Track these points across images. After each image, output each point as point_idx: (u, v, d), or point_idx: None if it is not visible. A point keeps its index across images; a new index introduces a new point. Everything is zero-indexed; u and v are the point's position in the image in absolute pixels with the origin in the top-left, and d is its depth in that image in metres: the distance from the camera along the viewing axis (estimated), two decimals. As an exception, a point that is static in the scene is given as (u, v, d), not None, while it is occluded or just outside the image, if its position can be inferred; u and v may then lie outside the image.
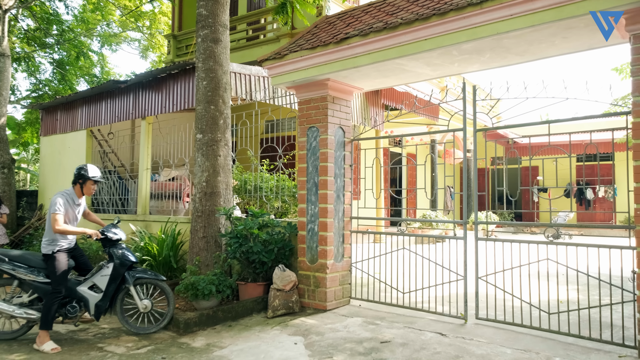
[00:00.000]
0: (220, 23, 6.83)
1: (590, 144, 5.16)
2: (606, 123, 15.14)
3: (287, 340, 4.83)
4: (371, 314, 5.78)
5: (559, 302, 5.26)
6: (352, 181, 6.59)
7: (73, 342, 4.92)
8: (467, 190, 5.69)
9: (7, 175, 11.60)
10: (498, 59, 5.21)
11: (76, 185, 5.13)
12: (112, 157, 11.24)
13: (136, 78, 9.31)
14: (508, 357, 4.24)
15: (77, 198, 5.13)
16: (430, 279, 6.10)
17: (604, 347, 4.41)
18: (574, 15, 4.03)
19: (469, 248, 5.46)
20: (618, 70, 10.65)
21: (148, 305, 5.17)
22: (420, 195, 16.21)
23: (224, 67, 6.82)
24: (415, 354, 4.34)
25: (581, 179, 18.15)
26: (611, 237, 4.63)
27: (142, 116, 9.29)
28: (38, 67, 19.51)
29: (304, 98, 6.41)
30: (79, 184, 5.12)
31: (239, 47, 12.96)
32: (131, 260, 5.14)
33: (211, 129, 6.64)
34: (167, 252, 7.09)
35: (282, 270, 6.02)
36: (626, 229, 4.50)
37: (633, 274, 4.08)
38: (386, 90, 11.42)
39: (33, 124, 18.68)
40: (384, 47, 5.22)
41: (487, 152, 5.48)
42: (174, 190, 9.43)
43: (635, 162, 3.92)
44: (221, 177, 6.68)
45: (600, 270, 4.73)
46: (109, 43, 21.01)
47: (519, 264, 5.21)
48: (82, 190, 5.14)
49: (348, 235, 6.38)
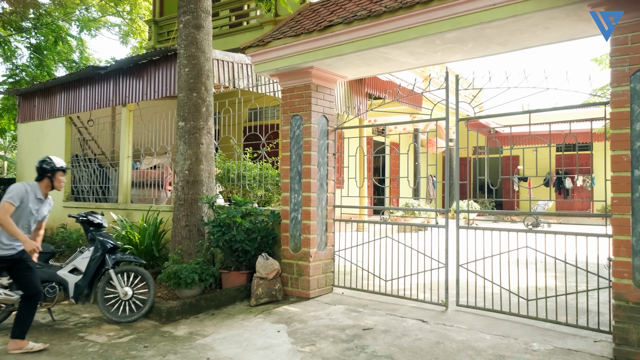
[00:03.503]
0: (203, 9, 6.73)
1: (570, 134, 5.24)
2: (585, 113, 15.39)
3: (270, 328, 4.85)
4: (354, 302, 5.83)
5: (537, 289, 5.37)
6: (336, 170, 6.60)
7: (53, 332, 4.87)
8: (449, 179, 5.74)
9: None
10: (481, 49, 5.24)
11: (43, 181, 4.50)
12: (92, 145, 11.05)
13: (116, 64, 9.14)
14: (487, 342, 4.33)
15: (40, 193, 4.49)
16: (412, 267, 6.17)
17: (580, 332, 4.53)
18: (555, 6, 4.07)
19: (451, 236, 5.53)
20: (598, 61, 10.81)
21: (129, 293, 5.19)
22: (403, 184, 16.32)
23: (206, 54, 6.73)
24: (397, 341, 4.40)
25: (560, 168, 18.45)
26: (589, 226, 4.74)
27: (123, 103, 9.13)
28: (14, 52, 18.99)
29: (287, 86, 6.37)
30: (47, 178, 4.50)
31: (221, 33, 12.80)
32: (111, 242, 5.18)
33: (193, 117, 6.57)
34: (149, 240, 7.03)
35: (265, 258, 6.03)
36: (603, 218, 4.60)
37: (609, 261, 4.18)
38: (370, 79, 11.42)
39: (10, 110, 18.22)
40: (367, 36, 5.21)
41: (469, 141, 5.54)
42: (155, 178, 9.33)
43: (613, 152, 4.00)
44: (204, 166, 6.63)
45: (577, 257, 4.84)
46: (88, 28, 20.51)
47: (499, 251, 5.30)
48: (52, 185, 4.53)
49: (331, 224, 6.41)
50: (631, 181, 3.90)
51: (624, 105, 3.94)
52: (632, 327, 3.83)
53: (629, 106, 3.91)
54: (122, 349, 4.32)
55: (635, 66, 3.88)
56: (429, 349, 4.18)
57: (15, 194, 4.28)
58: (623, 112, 3.94)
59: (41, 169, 4.51)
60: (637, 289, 3.83)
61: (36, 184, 4.50)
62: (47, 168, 4.49)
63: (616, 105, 3.99)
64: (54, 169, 4.51)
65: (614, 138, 4.00)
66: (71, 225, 8.96)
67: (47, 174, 4.50)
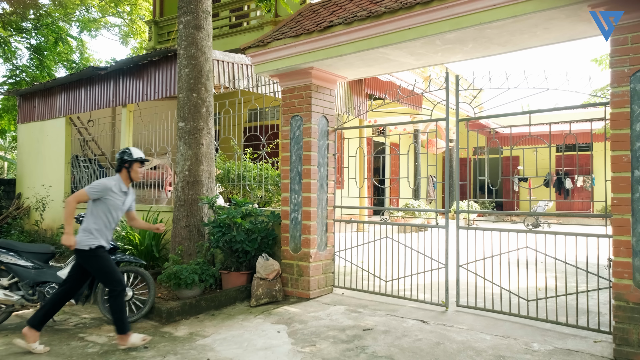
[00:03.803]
0: (203, 9, 6.73)
1: (570, 135, 5.24)
2: (585, 114, 15.39)
3: (271, 329, 4.85)
4: (354, 302, 5.83)
5: (537, 290, 5.37)
6: (336, 170, 6.60)
7: (53, 332, 4.87)
8: (449, 180, 5.74)
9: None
10: (481, 49, 5.24)
11: (122, 172, 4.58)
12: (93, 145, 11.06)
13: (116, 65, 9.14)
14: (488, 343, 4.33)
15: (124, 186, 4.58)
16: (412, 268, 6.17)
17: (580, 333, 4.53)
18: (555, 6, 4.07)
19: (451, 237, 5.53)
20: (598, 62, 10.80)
21: (129, 293, 5.20)
22: (403, 185, 16.31)
23: (206, 55, 6.74)
24: (397, 341, 4.40)
25: (560, 168, 18.45)
26: (589, 226, 4.74)
27: (123, 104, 9.14)
28: (14, 52, 18.98)
29: (287, 86, 6.37)
30: (125, 169, 4.57)
31: (221, 34, 12.80)
32: (111, 243, 5.18)
33: (193, 117, 6.57)
34: (149, 241, 7.03)
35: (265, 259, 6.03)
36: (603, 218, 4.60)
37: (609, 261, 4.18)
38: (370, 79, 11.41)
39: (10, 110, 18.21)
40: (367, 36, 5.21)
41: (469, 141, 5.53)
42: (156, 179, 9.33)
43: (613, 153, 4.00)
44: (204, 166, 6.63)
45: (577, 258, 4.84)
46: (88, 28, 20.51)
47: (499, 252, 5.30)
48: (129, 176, 4.60)
49: (331, 224, 6.40)
50: (631, 181, 3.90)
51: (624, 106, 3.94)
52: (632, 328, 3.83)
53: (629, 106, 3.92)
54: (122, 350, 4.32)
55: (635, 67, 3.88)
56: (429, 350, 4.18)
57: (96, 188, 4.41)
58: (623, 113, 3.95)
59: (120, 160, 4.59)
60: (637, 290, 3.83)
61: (119, 177, 4.59)
62: (125, 159, 4.58)
63: (616, 106, 3.99)
64: (131, 160, 4.57)
65: (614, 138, 4.00)
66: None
67: (124, 165, 4.58)
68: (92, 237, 4.40)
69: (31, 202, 10.88)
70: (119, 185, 4.54)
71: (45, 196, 10.32)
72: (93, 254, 4.39)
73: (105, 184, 4.46)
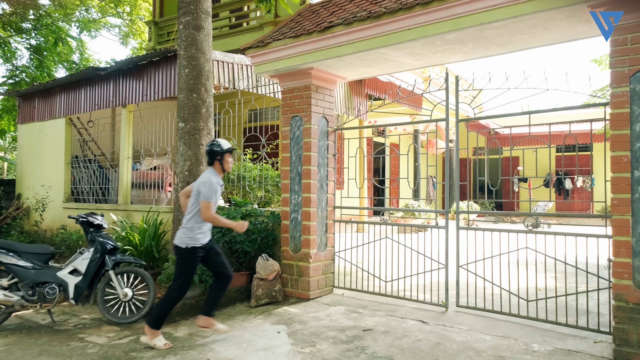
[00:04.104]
0: (203, 10, 6.73)
1: (569, 135, 5.24)
2: (585, 114, 15.39)
3: (270, 329, 4.84)
4: (354, 303, 5.83)
5: (537, 290, 5.37)
6: (336, 171, 6.60)
7: (53, 333, 4.87)
8: (449, 180, 5.74)
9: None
10: (481, 50, 5.25)
11: (215, 164, 4.59)
12: (92, 146, 11.05)
13: (116, 65, 9.14)
14: (487, 343, 4.33)
15: (220, 179, 4.62)
16: (412, 268, 6.17)
17: (580, 333, 4.53)
18: (555, 7, 4.08)
19: (451, 237, 5.53)
20: (597, 62, 10.78)
21: (128, 294, 5.19)
22: (403, 185, 16.31)
23: (206, 55, 6.73)
24: (397, 342, 4.40)
25: (560, 169, 18.45)
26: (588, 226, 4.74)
27: (123, 104, 9.13)
28: (14, 53, 18.98)
29: (287, 87, 6.37)
30: (217, 161, 4.59)
31: (221, 34, 12.80)
32: (111, 243, 5.18)
33: (193, 118, 6.57)
34: (149, 241, 7.02)
35: (265, 259, 6.03)
36: (603, 218, 4.60)
37: (609, 262, 4.18)
38: (370, 79, 11.41)
39: (10, 111, 18.22)
40: (367, 37, 5.21)
41: (469, 142, 5.53)
42: (155, 179, 9.33)
43: (613, 153, 4.00)
44: (204, 167, 6.62)
45: (577, 258, 4.84)
46: (88, 29, 20.51)
47: (499, 252, 5.30)
48: (222, 167, 4.61)
49: (331, 225, 6.40)
50: (631, 182, 3.90)
51: (624, 106, 3.94)
52: (632, 328, 3.83)
53: (628, 107, 3.92)
54: (122, 350, 4.32)
55: (635, 67, 3.88)
56: (429, 350, 4.18)
57: (210, 189, 4.39)
58: (623, 113, 3.95)
59: (211, 152, 4.59)
60: (637, 290, 3.83)
61: (213, 170, 4.59)
62: (217, 151, 4.57)
63: (616, 106, 3.99)
64: (222, 151, 4.57)
65: (613, 139, 4.00)
66: (71, 227, 8.96)
67: (216, 157, 4.59)
68: (194, 238, 4.42)
69: (31, 203, 10.88)
70: (217, 178, 4.57)
71: (45, 197, 10.31)
72: (186, 254, 4.42)
73: (211, 181, 4.45)
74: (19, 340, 4.65)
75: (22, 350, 4.36)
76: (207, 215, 4.36)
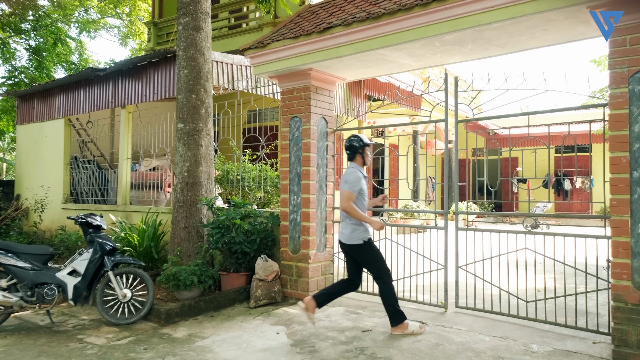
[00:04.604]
0: (202, 10, 6.74)
1: (569, 136, 5.24)
2: (584, 115, 15.40)
3: (270, 330, 4.84)
4: (353, 304, 5.82)
5: (536, 291, 5.37)
6: (335, 171, 6.60)
7: (52, 334, 4.86)
8: (448, 181, 5.74)
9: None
10: (480, 51, 5.25)
11: (356, 158, 4.68)
12: (91, 147, 11.04)
13: (116, 66, 9.13)
14: (487, 344, 4.33)
15: (365, 173, 4.69)
16: (412, 269, 6.17)
17: (579, 334, 4.53)
18: (554, 8, 4.08)
19: (450, 238, 5.53)
20: (596, 63, 10.81)
21: (127, 295, 5.18)
22: (402, 186, 16.32)
23: (205, 56, 6.74)
24: (396, 342, 4.40)
25: (559, 170, 18.47)
26: (587, 227, 4.75)
27: (122, 105, 9.13)
28: (13, 53, 18.96)
29: (286, 88, 6.37)
30: (359, 155, 4.68)
31: (221, 35, 12.80)
32: (110, 244, 5.18)
33: (193, 119, 6.57)
34: (148, 242, 7.02)
35: (264, 260, 6.02)
36: (602, 219, 4.60)
37: (608, 262, 4.19)
38: (369, 80, 11.42)
39: (9, 112, 18.20)
40: (367, 37, 5.21)
41: (468, 143, 5.54)
42: (155, 180, 9.32)
43: (612, 154, 4.00)
44: (203, 167, 6.63)
45: (576, 259, 4.84)
46: (87, 29, 20.50)
47: (498, 253, 5.30)
48: (364, 161, 4.70)
49: (330, 226, 6.40)
50: (630, 183, 3.90)
51: (623, 107, 3.94)
52: (631, 329, 3.83)
53: (627, 108, 3.92)
54: (121, 351, 4.32)
55: (634, 68, 3.88)
56: (428, 351, 4.18)
57: (356, 182, 4.47)
58: (622, 114, 3.95)
59: (352, 147, 4.69)
60: (636, 291, 3.83)
61: (356, 165, 4.68)
62: (357, 145, 4.67)
63: (615, 107, 3.99)
64: (363, 145, 4.67)
65: (612, 140, 4.01)
66: (70, 227, 8.95)
67: (358, 151, 4.68)
68: (364, 230, 4.52)
69: (30, 204, 10.87)
70: (362, 172, 4.63)
71: (44, 197, 10.30)
72: (367, 247, 4.52)
73: (357, 175, 4.52)
74: (18, 341, 4.65)
75: (21, 351, 4.35)
76: (346, 205, 4.41)
